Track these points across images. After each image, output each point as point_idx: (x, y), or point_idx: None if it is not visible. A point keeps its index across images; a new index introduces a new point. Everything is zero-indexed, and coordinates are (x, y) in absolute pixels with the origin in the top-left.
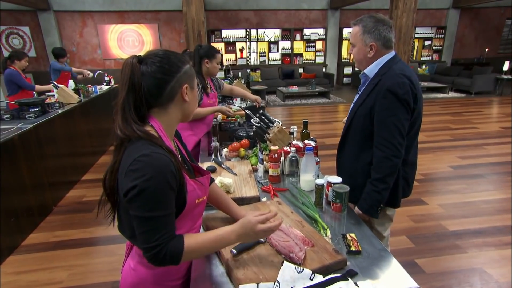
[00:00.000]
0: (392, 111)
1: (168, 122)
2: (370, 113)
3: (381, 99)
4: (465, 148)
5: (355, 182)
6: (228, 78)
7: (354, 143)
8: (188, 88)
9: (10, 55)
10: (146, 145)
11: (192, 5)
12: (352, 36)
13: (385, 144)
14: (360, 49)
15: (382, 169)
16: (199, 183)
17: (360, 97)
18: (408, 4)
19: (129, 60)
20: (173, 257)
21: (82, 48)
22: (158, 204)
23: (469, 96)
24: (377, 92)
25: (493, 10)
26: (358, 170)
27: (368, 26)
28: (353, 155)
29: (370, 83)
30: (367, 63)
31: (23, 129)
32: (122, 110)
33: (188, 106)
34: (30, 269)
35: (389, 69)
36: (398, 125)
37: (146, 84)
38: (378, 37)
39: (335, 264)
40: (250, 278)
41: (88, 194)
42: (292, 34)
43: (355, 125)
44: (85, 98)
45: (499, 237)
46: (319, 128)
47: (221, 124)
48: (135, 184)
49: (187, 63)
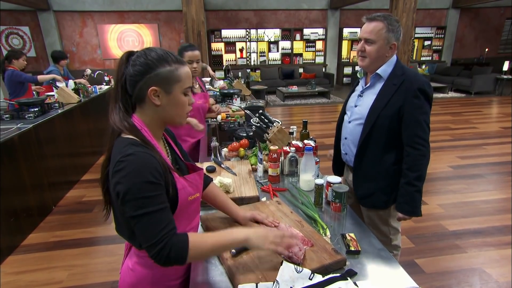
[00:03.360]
0: (423, 110)
1: (149, 123)
2: (398, 113)
3: (411, 99)
4: (465, 148)
5: (376, 185)
6: (228, 78)
7: (377, 146)
8: (159, 92)
9: (7, 56)
10: (129, 145)
11: (192, 5)
12: (371, 32)
13: (420, 142)
14: (381, 47)
15: (419, 166)
16: (189, 180)
17: (380, 99)
18: (408, 4)
19: (122, 55)
20: (178, 253)
21: (82, 48)
22: (145, 200)
23: (469, 96)
24: (404, 92)
25: (493, 10)
26: (382, 173)
27: (393, 24)
28: (376, 158)
29: (390, 84)
30: (381, 62)
31: (23, 129)
32: (113, 99)
33: (162, 110)
34: (29, 269)
35: (403, 69)
36: (428, 123)
37: (125, 80)
38: (398, 37)
39: (335, 264)
40: (249, 278)
41: (88, 194)
42: (292, 34)
43: (380, 127)
44: (85, 98)
45: (499, 237)
46: (318, 128)
47: (221, 124)
48: (120, 186)
49: (168, 65)
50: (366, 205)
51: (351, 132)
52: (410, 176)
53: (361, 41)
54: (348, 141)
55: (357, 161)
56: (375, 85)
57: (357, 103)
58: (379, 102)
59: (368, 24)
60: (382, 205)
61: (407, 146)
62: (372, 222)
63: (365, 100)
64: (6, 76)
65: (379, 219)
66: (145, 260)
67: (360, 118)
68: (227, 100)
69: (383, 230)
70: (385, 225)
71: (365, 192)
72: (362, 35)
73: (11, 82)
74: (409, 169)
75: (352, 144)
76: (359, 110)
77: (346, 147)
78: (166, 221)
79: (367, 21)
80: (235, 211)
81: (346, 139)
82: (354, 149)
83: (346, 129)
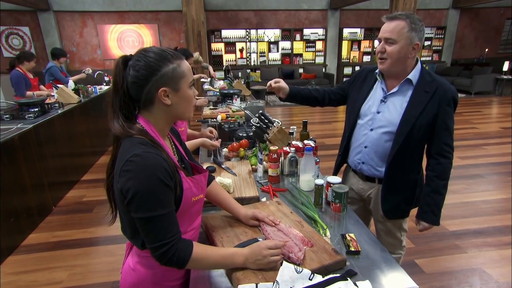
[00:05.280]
0: (452, 118)
1: (157, 123)
2: (432, 121)
3: (445, 107)
4: (465, 148)
5: (403, 197)
6: (228, 78)
7: (411, 156)
8: (168, 91)
9: (19, 56)
10: (138, 145)
11: (192, 5)
12: (393, 31)
13: (449, 151)
14: (403, 47)
15: (447, 174)
16: (195, 180)
17: (413, 106)
18: (408, 5)
19: (117, 60)
20: (179, 260)
21: (82, 48)
22: (156, 203)
23: (469, 96)
24: (438, 100)
25: (493, 10)
26: (410, 184)
27: (416, 23)
28: (407, 170)
29: (421, 90)
30: (403, 65)
31: (23, 129)
32: (111, 108)
33: (173, 108)
34: (29, 269)
35: (431, 75)
36: (454, 131)
37: (128, 86)
38: (421, 37)
39: (335, 264)
40: (249, 278)
41: (88, 194)
42: (292, 34)
43: (414, 137)
44: (85, 98)
45: (499, 237)
46: (318, 128)
47: (221, 124)
48: (129, 186)
49: (171, 63)
50: (392, 217)
51: (375, 141)
52: (439, 184)
53: (380, 42)
54: (370, 151)
55: (388, 174)
56: (404, 91)
57: (380, 109)
58: (413, 110)
59: (388, 23)
60: (405, 215)
61: (437, 154)
62: (386, 228)
63: (391, 107)
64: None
65: (394, 225)
66: (147, 260)
67: (387, 126)
68: (227, 100)
69: (396, 234)
70: (398, 230)
71: (393, 205)
72: (382, 35)
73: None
74: (438, 177)
75: (375, 154)
76: (385, 117)
77: (365, 156)
78: (173, 224)
79: (388, 20)
80: (237, 209)
81: (366, 148)
82: (376, 159)
83: (366, 137)
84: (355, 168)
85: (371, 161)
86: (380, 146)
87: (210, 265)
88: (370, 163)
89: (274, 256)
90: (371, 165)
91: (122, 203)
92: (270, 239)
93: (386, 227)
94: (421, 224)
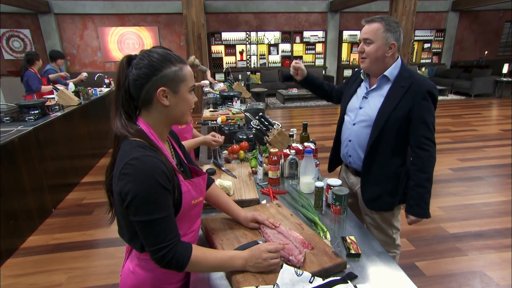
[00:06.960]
0: (430, 112)
1: (156, 125)
2: (407, 115)
3: (421, 101)
4: (465, 151)
5: (384, 188)
6: (228, 80)
7: (386, 149)
8: (167, 92)
9: (29, 58)
10: (137, 148)
11: (192, 8)
12: (370, 33)
13: (428, 144)
14: (380, 47)
15: (429, 167)
16: (193, 183)
17: (389, 101)
18: (408, 7)
19: (122, 59)
20: (178, 263)
21: (82, 51)
22: (155, 206)
23: (468, 99)
24: (413, 94)
25: (492, 13)
26: (390, 176)
27: (391, 24)
28: (385, 161)
29: (398, 86)
30: (382, 63)
31: (23, 132)
32: (114, 105)
33: (171, 110)
34: (29, 271)
35: (410, 71)
36: (434, 124)
37: (129, 84)
38: (398, 37)
39: (335, 267)
40: (249, 281)
41: (88, 197)
42: (292, 37)
43: (389, 130)
44: (85, 101)
45: (500, 239)
46: (318, 130)
47: (221, 126)
48: (128, 189)
49: (173, 65)
50: (374, 208)
51: (357, 134)
52: (421, 178)
53: (360, 43)
54: (353, 144)
55: (365, 165)
56: (382, 87)
57: (362, 105)
58: (388, 104)
59: (367, 25)
60: (389, 207)
61: (416, 148)
62: (375, 223)
63: (371, 102)
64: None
65: (383, 221)
66: (146, 263)
67: (367, 121)
68: (227, 103)
69: (387, 231)
70: (388, 226)
71: (373, 195)
72: (361, 36)
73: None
74: (420, 170)
75: (358, 147)
76: (365, 112)
77: (350, 150)
78: (171, 227)
79: (366, 23)
80: (237, 211)
81: (350, 141)
82: (360, 152)
83: (349, 132)
84: (345, 161)
85: (355, 154)
86: (361, 139)
87: (209, 268)
88: (354, 155)
89: (274, 259)
90: (356, 158)
91: (121, 206)
92: (270, 241)
93: (375, 222)
94: (409, 218)
